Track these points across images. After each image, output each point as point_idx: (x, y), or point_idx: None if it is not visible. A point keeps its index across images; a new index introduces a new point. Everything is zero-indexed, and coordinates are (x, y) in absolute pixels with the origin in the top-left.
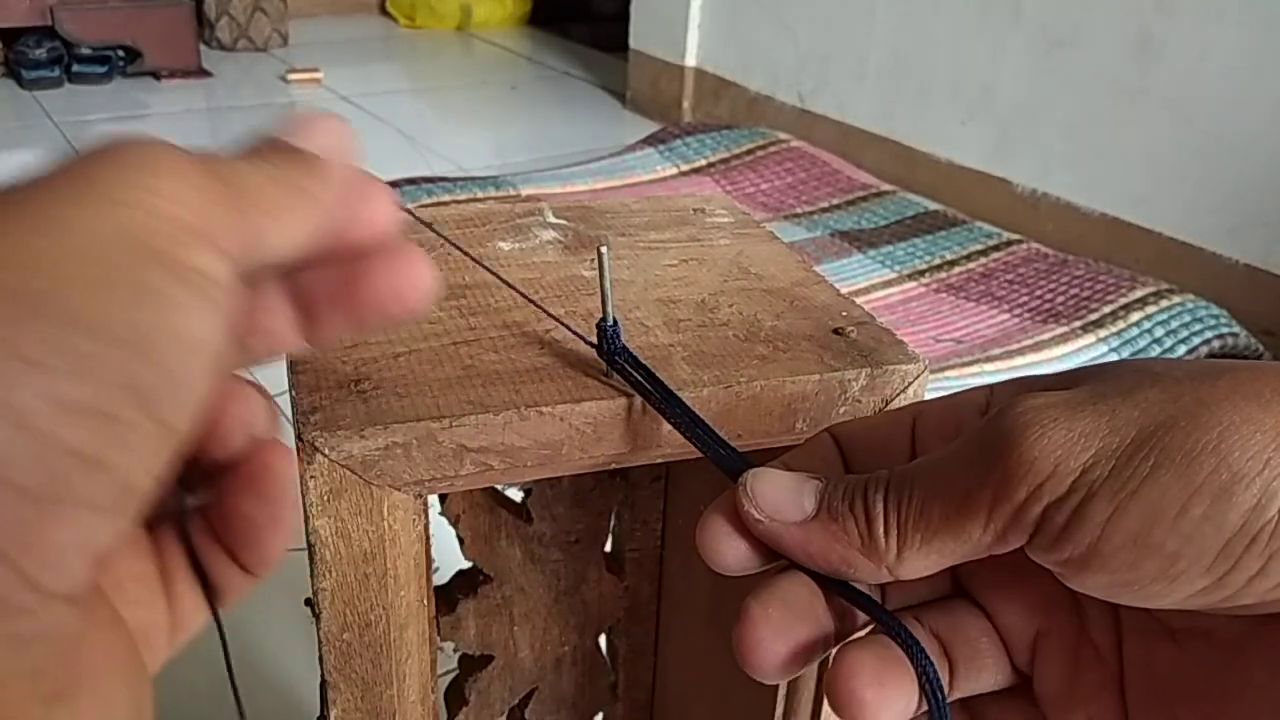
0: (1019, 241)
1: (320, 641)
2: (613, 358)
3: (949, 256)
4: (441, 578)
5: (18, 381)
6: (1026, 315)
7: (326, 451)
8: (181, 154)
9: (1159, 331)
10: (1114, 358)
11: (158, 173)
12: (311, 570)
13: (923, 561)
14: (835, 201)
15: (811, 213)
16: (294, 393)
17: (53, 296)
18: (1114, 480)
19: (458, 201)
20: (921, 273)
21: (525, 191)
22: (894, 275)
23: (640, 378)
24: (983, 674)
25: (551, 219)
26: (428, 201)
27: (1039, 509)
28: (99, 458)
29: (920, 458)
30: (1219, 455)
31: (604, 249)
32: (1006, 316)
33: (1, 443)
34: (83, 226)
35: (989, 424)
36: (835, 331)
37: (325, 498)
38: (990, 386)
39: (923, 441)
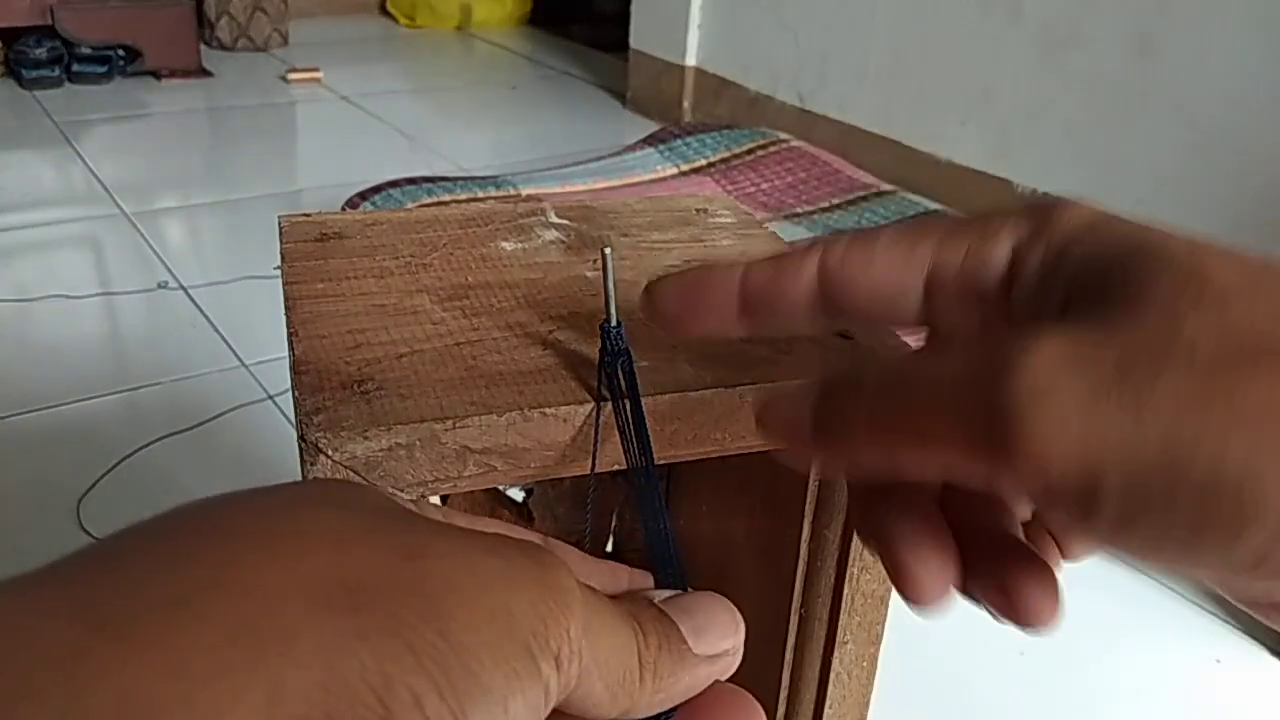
0: None
1: None
2: (613, 367)
3: None
4: None
5: (395, 661)
6: None
7: (330, 452)
8: (582, 593)
9: None
10: None
11: (565, 602)
12: None
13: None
14: (835, 201)
15: (812, 212)
16: (297, 393)
17: (473, 621)
18: (1126, 498)
19: (458, 201)
20: None
21: (525, 191)
22: None
23: (624, 392)
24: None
25: (554, 219)
26: (428, 201)
27: (1040, 497)
28: None
29: (913, 364)
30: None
31: (608, 250)
32: None
33: (355, 704)
34: (503, 602)
35: (993, 381)
36: (838, 333)
37: None
38: (1015, 223)
39: (937, 307)
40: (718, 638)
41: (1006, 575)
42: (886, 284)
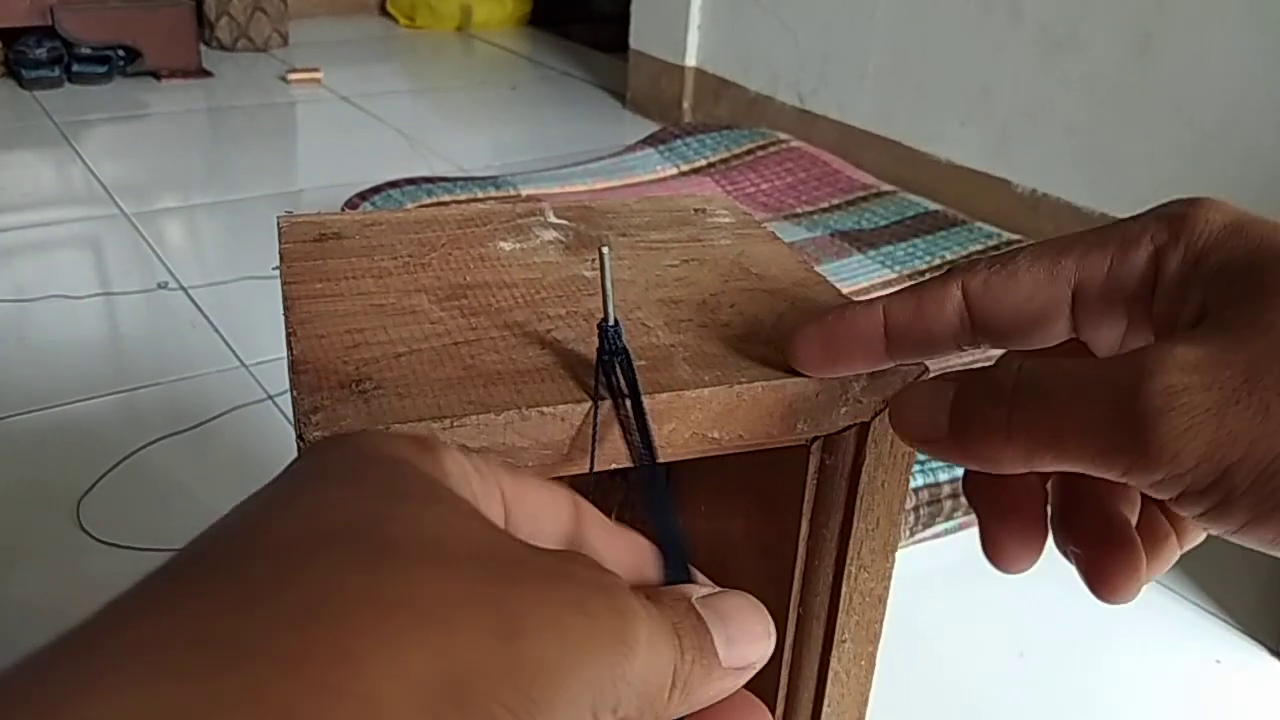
0: (1018, 242)
1: None
2: (610, 365)
3: (949, 256)
4: None
5: None
6: None
7: None
8: (648, 636)
9: None
10: None
11: (632, 653)
12: None
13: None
14: (835, 202)
15: (811, 213)
16: (295, 393)
17: (558, 707)
18: (1255, 494)
19: (458, 201)
20: (921, 273)
21: (525, 191)
22: (894, 275)
23: (624, 389)
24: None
25: (553, 219)
26: (428, 201)
27: (1175, 493)
28: None
29: (1052, 372)
30: None
31: (606, 249)
32: None
33: None
34: (585, 678)
35: (1130, 388)
36: None
37: None
38: (1155, 228)
39: (1084, 319)
40: (747, 648)
41: (1100, 552)
42: (1034, 302)
